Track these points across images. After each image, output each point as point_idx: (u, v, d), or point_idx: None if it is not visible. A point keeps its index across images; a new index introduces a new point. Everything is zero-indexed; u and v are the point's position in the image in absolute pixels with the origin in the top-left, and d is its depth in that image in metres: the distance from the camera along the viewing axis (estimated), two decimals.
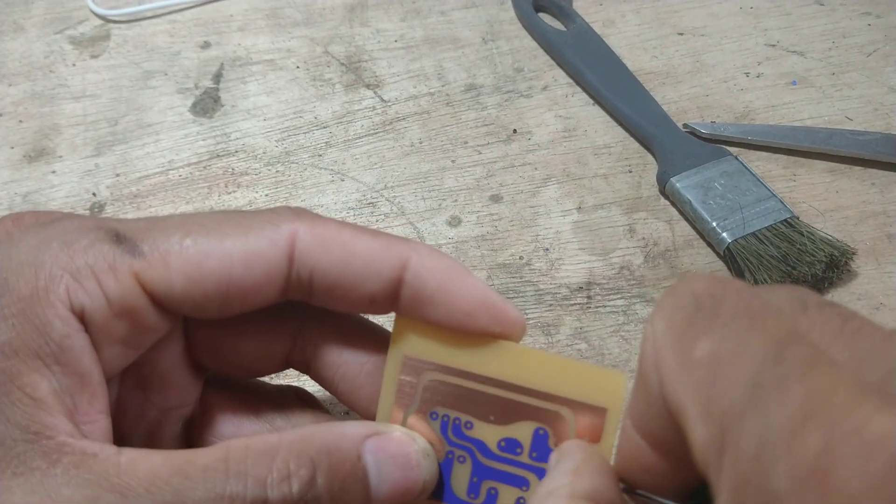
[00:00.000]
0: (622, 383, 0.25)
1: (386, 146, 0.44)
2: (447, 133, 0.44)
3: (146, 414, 0.27)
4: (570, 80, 0.46)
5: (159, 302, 0.24)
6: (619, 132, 0.43)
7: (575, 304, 0.37)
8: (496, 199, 0.41)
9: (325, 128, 0.45)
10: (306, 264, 0.24)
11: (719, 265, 0.38)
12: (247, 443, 0.23)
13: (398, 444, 0.24)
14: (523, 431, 0.25)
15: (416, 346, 0.25)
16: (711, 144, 0.41)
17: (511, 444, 0.25)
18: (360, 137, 0.44)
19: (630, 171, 0.42)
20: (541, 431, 0.25)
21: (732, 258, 0.37)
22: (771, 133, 0.42)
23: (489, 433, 0.25)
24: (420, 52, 0.48)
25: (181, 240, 0.23)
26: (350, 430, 0.24)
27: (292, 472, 0.23)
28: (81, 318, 0.22)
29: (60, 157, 0.44)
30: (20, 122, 0.46)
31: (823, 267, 0.36)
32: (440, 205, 0.41)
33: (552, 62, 0.47)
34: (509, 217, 0.40)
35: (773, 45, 0.47)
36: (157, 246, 0.23)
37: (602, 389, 0.25)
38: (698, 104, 0.44)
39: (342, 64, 0.48)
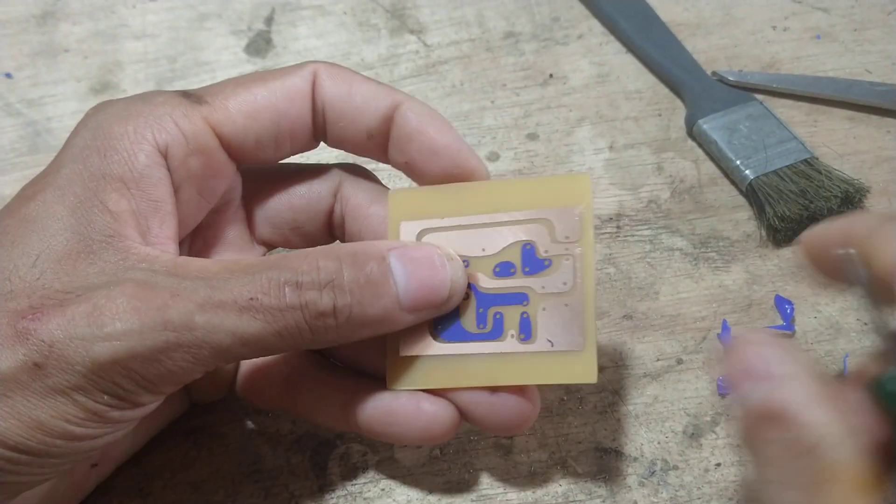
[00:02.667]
0: (586, 182, 0.28)
1: (429, 87, 0.46)
2: (487, 76, 0.47)
3: None
4: (605, 30, 0.48)
5: (226, 142, 0.28)
6: (650, 79, 0.46)
7: (605, 232, 0.40)
8: (532, 137, 0.44)
9: (371, 69, 0.47)
10: (321, 96, 0.29)
11: (741, 201, 0.41)
12: (285, 253, 0.28)
13: (422, 249, 0.27)
14: (512, 252, 0.28)
15: (407, 211, 0.29)
16: (738, 90, 0.44)
17: (505, 267, 0.28)
18: (404, 78, 0.47)
19: (660, 115, 0.44)
20: (527, 247, 0.28)
21: (754, 193, 0.39)
22: (795, 81, 0.44)
23: (483, 264, 0.28)
24: (461, 1, 0.50)
25: (234, 89, 0.29)
26: (376, 243, 0.27)
27: (321, 266, 0.25)
28: (165, 156, 0.27)
29: (124, 90, 0.47)
30: (85, 58, 0.49)
31: (839, 202, 0.38)
32: (479, 141, 0.44)
33: (587, 13, 0.49)
34: (545, 154, 0.43)
35: (799, 2, 0.49)
36: (216, 96, 0.28)
37: (570, 192, 0.28)
38: (727, 54, 0.47)
39: (387, 11, 0.50)
